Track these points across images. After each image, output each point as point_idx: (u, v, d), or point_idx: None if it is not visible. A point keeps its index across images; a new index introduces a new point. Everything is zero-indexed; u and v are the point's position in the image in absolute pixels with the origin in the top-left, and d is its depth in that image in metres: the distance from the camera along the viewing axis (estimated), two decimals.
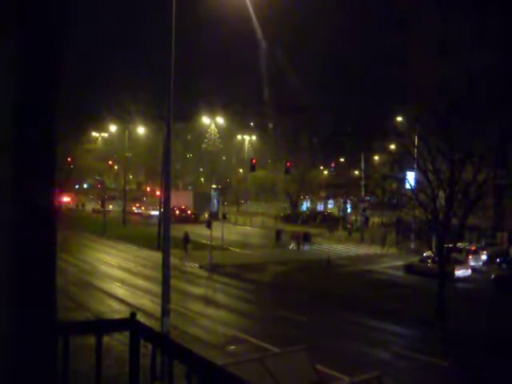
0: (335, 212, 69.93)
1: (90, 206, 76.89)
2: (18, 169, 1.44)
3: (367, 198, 49.21)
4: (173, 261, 15.64)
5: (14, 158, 1.44)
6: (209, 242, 33.11)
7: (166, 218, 14.33)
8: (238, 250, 39.87)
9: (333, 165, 74.22)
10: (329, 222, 59.21)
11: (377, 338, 19.36)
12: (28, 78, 1.45)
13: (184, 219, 58.00)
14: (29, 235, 1.47)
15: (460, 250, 31.14)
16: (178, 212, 58.18)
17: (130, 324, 2.78)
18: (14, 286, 1.45)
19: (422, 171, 23.29)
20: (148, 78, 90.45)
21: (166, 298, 13.27)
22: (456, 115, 22.11)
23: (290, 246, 43.56)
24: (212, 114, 72.75)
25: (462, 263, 31.17)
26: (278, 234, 46.06)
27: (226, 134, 77.60)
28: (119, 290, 25.41)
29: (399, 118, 39.24)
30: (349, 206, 67.36)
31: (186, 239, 37.25)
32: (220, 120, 74.09)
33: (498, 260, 34.61)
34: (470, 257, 33.77)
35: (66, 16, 1.58)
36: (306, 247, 43.65)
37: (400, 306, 23.38)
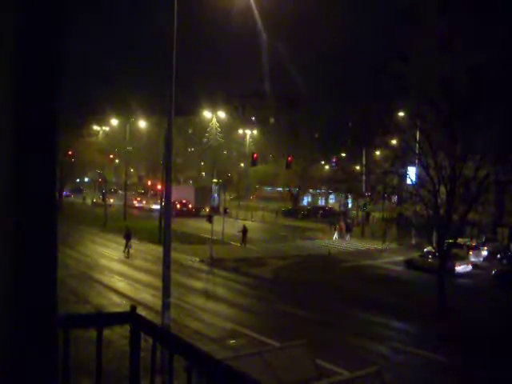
0: (336, 207, 69.89)
1: (90, 200, 76.85)
2: (18, 167, 1.43)
3: (369, 193, 49.19)
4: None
5: (14, 156, 1.43)
6: (209, 236, 33.16)
7: (167, 212, 14.31)
8: (238, 245, 39.89)
9: (334, 160, 73.98)
10: (330, 217, 59.20)
11: (376, 332, 19.40)
12: (28, 74, 1.44)
13: (185, 213, 58.03)
14: (30, 230, 1.47)
15: (461, 246, 31.17)
16: (179, 206, 58.18)
17: (130, 317, 2.78)
18: (14, 280, 1.45)
19: (423, 167, 23.27)
20: (150, 71, 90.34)
21: (166, 291, 13.29)
22: (458, 111, 22.05)
23: (334, 237, 44.67)
24: (213, 108, 72.63)
25: (463, 259, 31.22)
26: (244, 232, 39.45)
27: (228, 129, 77.50)
28: (120, 284, 25.45)
29: (401, 113, 39.13)
30: (350, 201, 67.27)
31: (128, 235, 33.81)
32: (221, 114, 73.95)
33: (498, 256, 34.67)
34: (471, 252, 33.82)
35: (66, 10, 1.56)
36: (348, 238, 44.74)
37: (400, 301, 23.43)
